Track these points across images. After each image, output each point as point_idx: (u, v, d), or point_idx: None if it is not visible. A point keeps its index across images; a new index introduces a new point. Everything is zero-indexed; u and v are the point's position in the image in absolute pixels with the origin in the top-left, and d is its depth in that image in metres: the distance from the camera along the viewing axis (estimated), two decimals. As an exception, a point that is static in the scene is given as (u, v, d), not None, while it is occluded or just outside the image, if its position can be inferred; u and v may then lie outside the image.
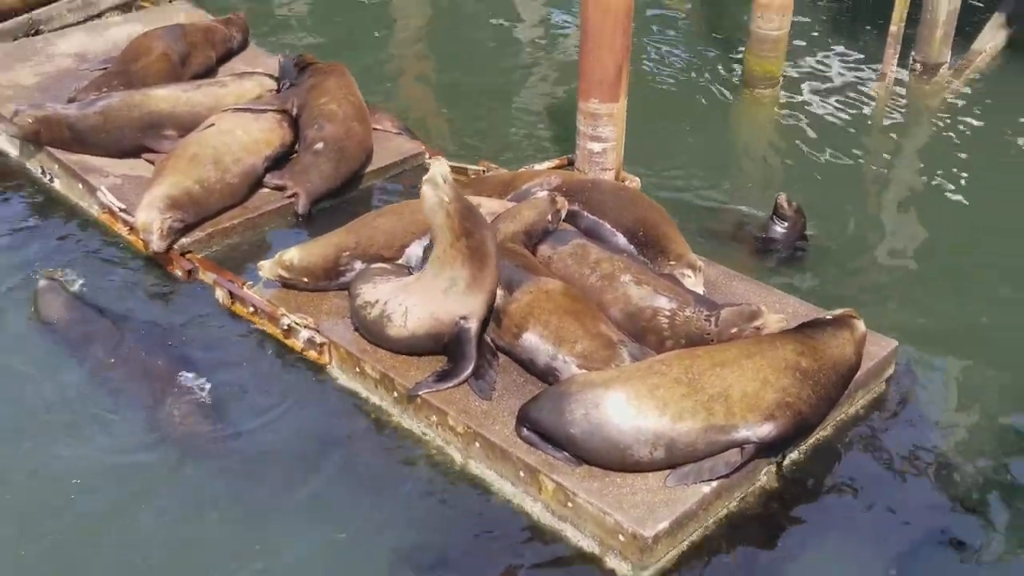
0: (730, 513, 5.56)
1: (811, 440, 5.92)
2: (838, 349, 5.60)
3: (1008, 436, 6.21)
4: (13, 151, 8.67)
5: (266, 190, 7.89)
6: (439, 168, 5.82)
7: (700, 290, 6.55)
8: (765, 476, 5.73)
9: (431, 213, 5.79)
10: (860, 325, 5.78)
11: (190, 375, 6.43)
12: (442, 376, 5.96)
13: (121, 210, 7.58)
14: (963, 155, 9.26)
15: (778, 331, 5.84)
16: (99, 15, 10.73)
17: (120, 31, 10.00)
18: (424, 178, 5.81)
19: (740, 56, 10.37)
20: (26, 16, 10.28)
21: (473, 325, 5.92)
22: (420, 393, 5.91)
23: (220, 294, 7.03)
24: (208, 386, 6.38)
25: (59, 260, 7.52)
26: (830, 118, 9.76)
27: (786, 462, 5.83)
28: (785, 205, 7.65)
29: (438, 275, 5.95)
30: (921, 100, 10.08)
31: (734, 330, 5.94)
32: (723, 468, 5.31)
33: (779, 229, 7.68)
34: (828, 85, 10.33)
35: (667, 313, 6.10)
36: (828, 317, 5.85)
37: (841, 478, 5.91)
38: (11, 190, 8.38)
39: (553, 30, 11.59)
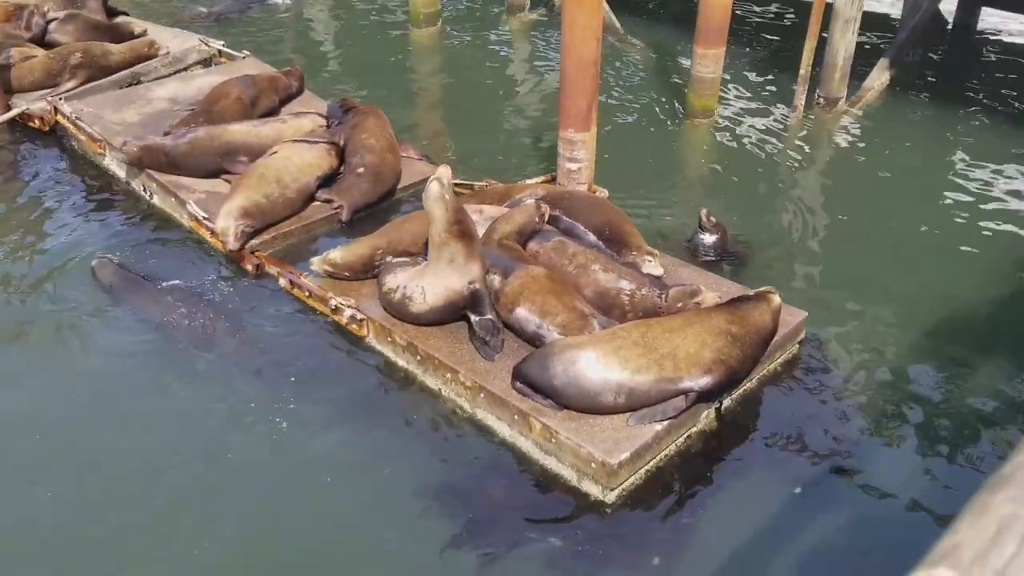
0: (679, 447, 5.55)
1: (740, 390, 5.90)
2: (759, 318, 5.59)
3: (889, 386, 6.21)
4: (122, 173, 8.62)
5: (318, 203, 7.82)
6: (444, 171, 5.83)
7: (659, 271, 6.53)
8: (706, 419, 5.71)
9: (434, 202, 5.77)
10: (776, 298, 5.76)
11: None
12: (481, 340, 5.92)
13: (204, 218, 7.54)
14: (856, 169, 9.23)
15: (713, 305, 5.83)
16: (186, 68, 10.66)
17: (204, 80, 9.91)
18: (432, 177, 5.82)
19: (683, 93, 10.32)
20: (129, 70, 10.21)
21: (479, 286, 5.91)
22: (493, 358, 5.87)
23: (283, 282, 7.00)
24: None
25: (155, 255, 7.51)
26: (754, 142, 9.71)
27: (722, 407, 5.83)
28: (704, 219, 7.44)
29: (440, 255, 5.92)
30: (824, 127, 10.03)
31: (679, 305, 5.93)
32: (672, 411, 5.30)
33: (703, 238, 7.45)
34: (752, 116, 10.28)
35: (628, 292, 6.09)
36: (751, 293, 5.83)
37: (764, 420, 5.90)
38: (120, 203, 8.35)
39: (538, 75, 11.53)
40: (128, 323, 6.73)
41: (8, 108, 9.56)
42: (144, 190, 8.34)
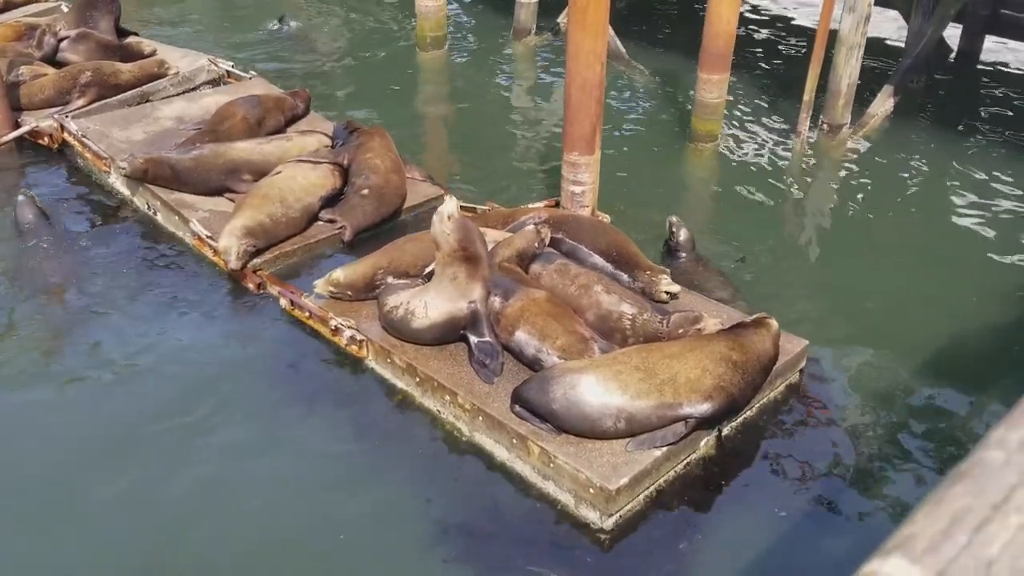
0: (678, 474, 5.46)
1: (741, 417, 5.82)
2: (760, 344, 5.52)
3: (889, 414, 6.13)
4: (126, 191, 8.60)
5: (321, 223, 7.79)
6: (450, 204, 5.78)
7: (676, 288, 6.52)
8: (706, 445, 5.63)
9: (438, 234, 5.83)
10: (774, 324, 5.70)
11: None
12: (480, 363, 5.87)
13: (208, 237, 7.51)
14: (858, 194, 9.19)
15: (714, 331, 5.76)
16: (195, 88, 10.68)
17: (211, 100, 9.93)
18: (437, 209, 5.80)
19: (687, 118, 10.30)
20: (139, 89, 10.24)
21: (479, 306, 5.89)
22: (493, 381, 5.81)
23: (283, 302, 6.95)
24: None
25: (157, 272, 7.50)
26: (757, 167, 9.68)
27: (722, 434, 5.74)
28: (674, 229, 7.54)
29: (442, 275, 5.94)
30: (827, 153, 9.99)
31: (681, 331, 5.87)
32: (671, 437, 5.23)
33: (675, 247, 7.52)
34: (756, 141, 10.26)
35: (629, 316, 6.04)
36: (748, 320, 5.76)
37: (764, 447, 5.81)
38: (124, 220, 8.33)
39: (542, 99, 11.54)
40: (127, 333, 6.69)
41: (18, 125, 9.58)
42: (148, 208, 8.32)
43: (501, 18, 13.77)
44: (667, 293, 6.50)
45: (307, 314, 6.74)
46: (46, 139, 9.48)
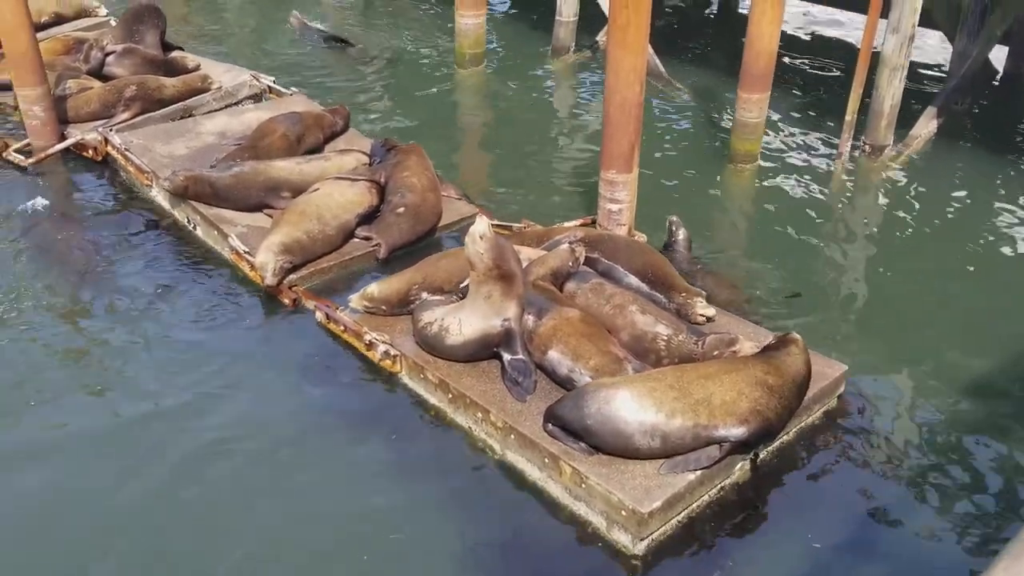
0: (711, 498, 5.41)
1: (777, 442, 5.75)
2: (794, 366, 5.46)
3: (928, 442, 6.03)
4: (167, 205, 8.76)
5: (356, 240, 7.86)
6: (480, 225, 5.80)
7: (712, 311, 6.49)
8: (740, 470, 5.57)
9: (472, 254, 5.84)
10: (800, 340, 5.63)
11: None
12: (513, 381, 5.88)
13: (245, 252, 7.61)
14: (901, 218, 9.06)
15: (750, 354, 5.71)
16: (237, 103, 10.86)
17: (252, 116, 10.08)
18: (469, 230, 5.84)
19: (726, 138, 10.24)
20: (182, 103, 10.43)
21: (513, 325, 5.90)
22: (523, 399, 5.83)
23: (319, 315, 7.02)
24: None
25: (195, 286, 7.61)
26: (797, 188, 9.59)
27: (758, 459, 5.67)
28: (673, 228, 7.74)
29: (477, 293, 5.97)
30: (869, 174, 9.88)
31: (716, 353, 5.83)
32: (705, 460, 5.18)
33: (671, 245, 7.67)
34: (796, 161, 10.17)
35: (665, 337, 6.01)
36: (773, 340, 5.69)
37: (800, 473, 5.74)
38: (164, 233, 8.46)
39: (580, 116, 11.56)
40: (161, 345, 6.80)
41: (64, 138, 9.81)
42: (188, 222, 8.46)
43: (540, 36, 13.83)
44: (703, 316, 6.46)
45: (342, 328, 6.79)
46: (90, 152, 9.69)
